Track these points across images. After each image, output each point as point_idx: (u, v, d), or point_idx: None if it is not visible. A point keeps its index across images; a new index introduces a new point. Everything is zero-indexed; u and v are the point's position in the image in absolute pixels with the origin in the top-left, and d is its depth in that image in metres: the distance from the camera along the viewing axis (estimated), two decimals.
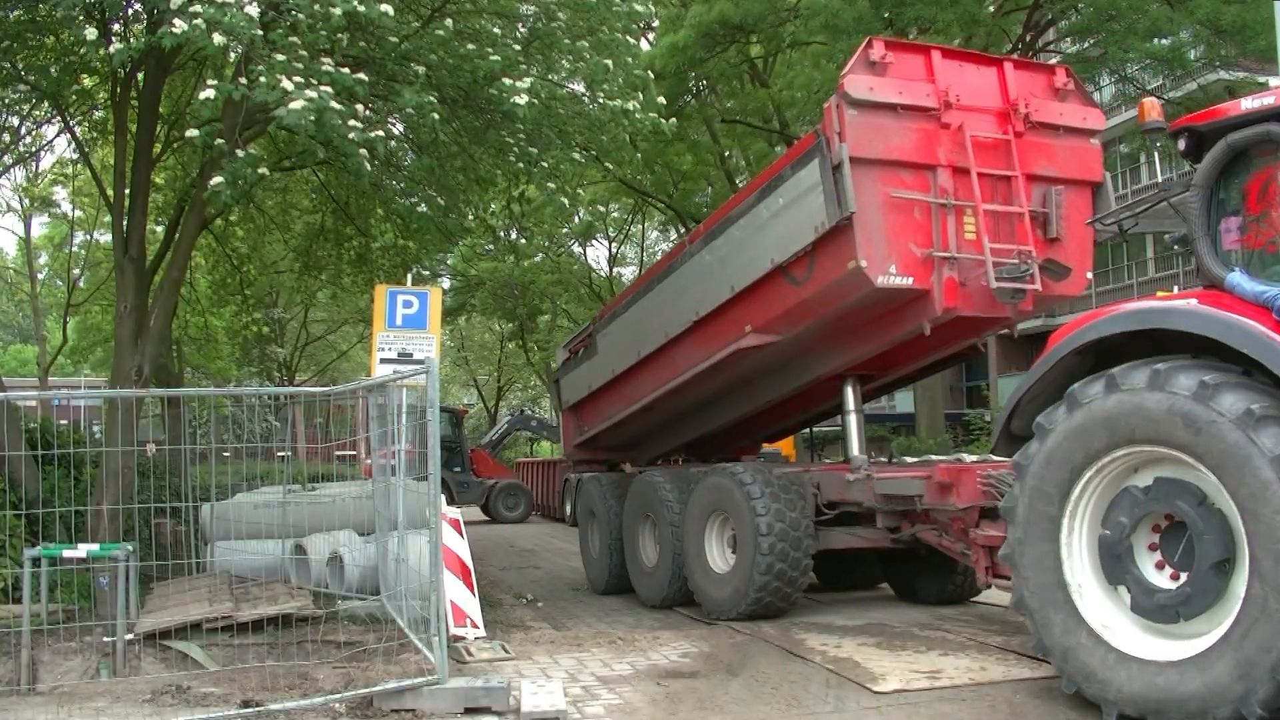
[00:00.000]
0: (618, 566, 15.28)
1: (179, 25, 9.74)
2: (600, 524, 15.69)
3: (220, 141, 11.05)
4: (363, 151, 10.62)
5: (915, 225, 10.71)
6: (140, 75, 14.38)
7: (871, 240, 10.49)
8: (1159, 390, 7.64)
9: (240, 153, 10.91)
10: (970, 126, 10.90)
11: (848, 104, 10.52)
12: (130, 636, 10.08)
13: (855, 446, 12.63)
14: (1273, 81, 22.94)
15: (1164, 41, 23.15)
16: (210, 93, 10.25)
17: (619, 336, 15.25)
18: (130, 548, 10.15)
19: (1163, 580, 7.96)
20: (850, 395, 12.81)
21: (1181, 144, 8.61)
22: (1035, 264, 10.53)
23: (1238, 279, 7.90)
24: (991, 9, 25.24)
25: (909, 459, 13.46)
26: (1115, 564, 8.11)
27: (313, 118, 9.92)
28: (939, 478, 10.63)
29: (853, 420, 12.79)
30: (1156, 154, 9.19)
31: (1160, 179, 8.65)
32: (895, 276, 10.54)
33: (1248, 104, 7.91)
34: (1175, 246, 8.85)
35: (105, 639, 9.88)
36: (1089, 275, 9.62)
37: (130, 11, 13.61)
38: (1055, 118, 11.36)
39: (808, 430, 17.71)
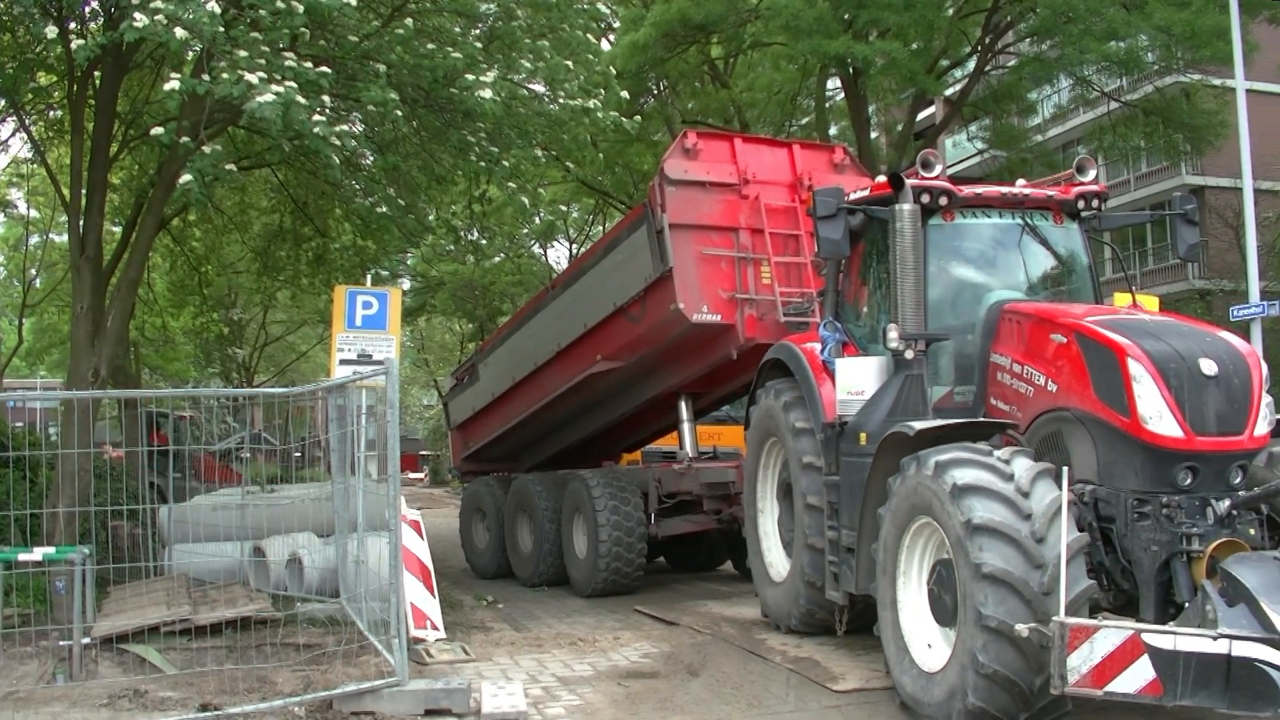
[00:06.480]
0: (502, 553, 17.68)
1: (140, 20, 9.67)
2: (489, 519, 18.07)
3: (185, 140, 10.98)
4: (335, 141, 10.60)
5: (722, 274, 13.18)
6: (98, 73, 14.25)
7: (687, 287, 12.89)
8: (770, 399, 11.48)
9: (206, 149, 10.85)
10: (765, 197, 13.48)
11: (667, 183, 13.10)
12: (87, 640, 9.98)
13: (688, 447, 15.11)
14: (1231, 84, 23.24)
15: (1120, 45, 23.33)
16: (175, 84, 10.19)
17: (497, 366, 18.04)
18: (87, 551, 10.06)
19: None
20: (684, 408, 15.18)
21: None
22: (816, 302, 12.32)
23: (823, 325, 10.95)
24: (950, 11, 25.34)
25: None
26: (783, 497, 11.76)
27: (280, 112, 9.89)
28: None
29: (686, 428, 15.18)
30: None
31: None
32: (707, 314, 12.95)
33: (855, 195, 10.17)
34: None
35: (61, 643, 9.79)
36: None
37: (88, 9, 13.50)
38: None
39: None
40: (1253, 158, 22.89)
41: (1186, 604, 7.42)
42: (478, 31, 13.43)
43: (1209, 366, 7.97)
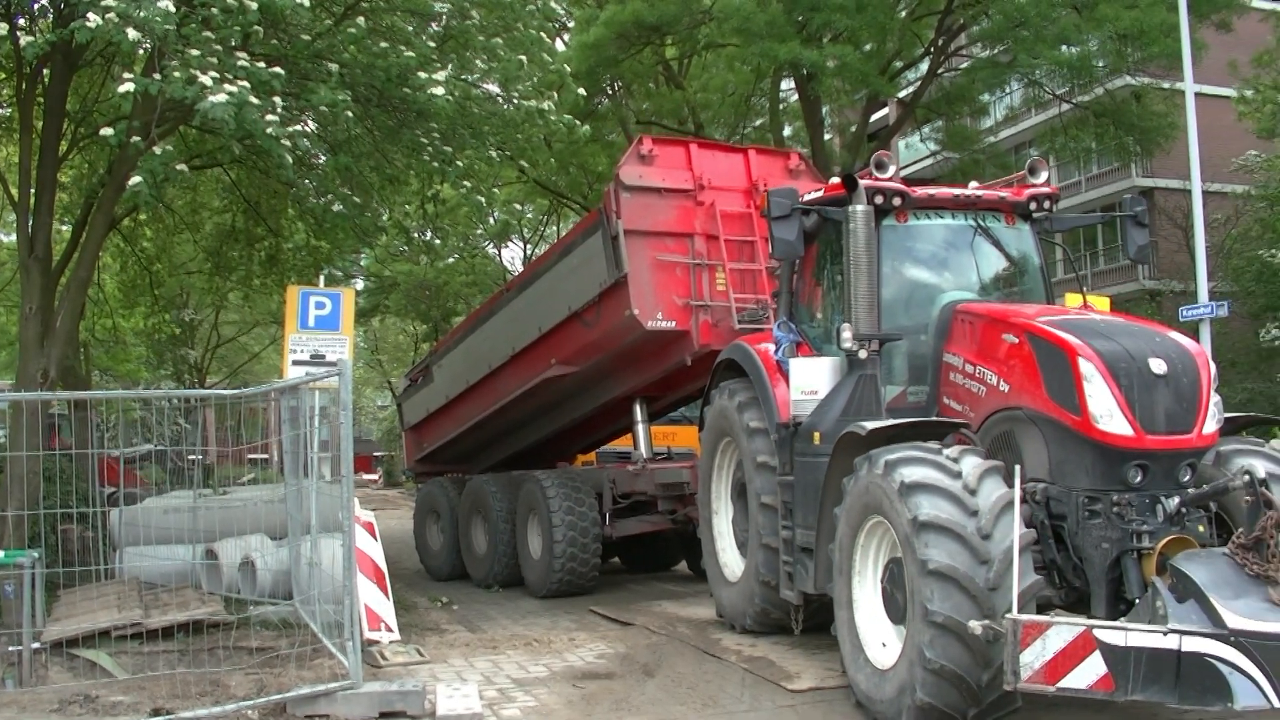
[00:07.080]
0: (456, 555, 17.75)
1: (92, 19, 9.58)
2: (444, 521, 18.13)
3: (136, 139, 10.88)
4: (285, 143, 10.54)
5: (677, 280, 13.18)
6: (46, 71, 14.10)
7: (642, 293, 12.91)
8: (725, 400, 11.52)
9: (157, 149, 10.75)
10: (720, 203, 13.44)
11: (622, 189, 13.07)
12: (37, 645, 9.86)
13: (643, 449, 15.13)
14: (1181, 87, 23.45)
15: (1072, 49, 23.56)
16: (129, 85, 10.10)
17: (452, 368, 18.07)
18: (36, 554, 9.93)
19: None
20: (638, 411, 15.16)
21: None
22: (771, 308, 12.39)
23: (776, 325, 11.01)
24: (904, 14, 25.48)
25: None
26: (737, 497, 11.84)
27: (234, 113, 9.83)
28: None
29: (640, 430, 15.17)
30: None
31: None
32: (661, 321, 12.97)
33: (809, 196, 10.25)
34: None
35: (11, 648, 9.66)
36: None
37: (36, 6, 13.37)
38: None
39: None
40: (1201, 160, 23.16)
41: (1137, 600, 7.50)
42: (432, 30, 13.37)
43: (1159, 366, 8.06)
